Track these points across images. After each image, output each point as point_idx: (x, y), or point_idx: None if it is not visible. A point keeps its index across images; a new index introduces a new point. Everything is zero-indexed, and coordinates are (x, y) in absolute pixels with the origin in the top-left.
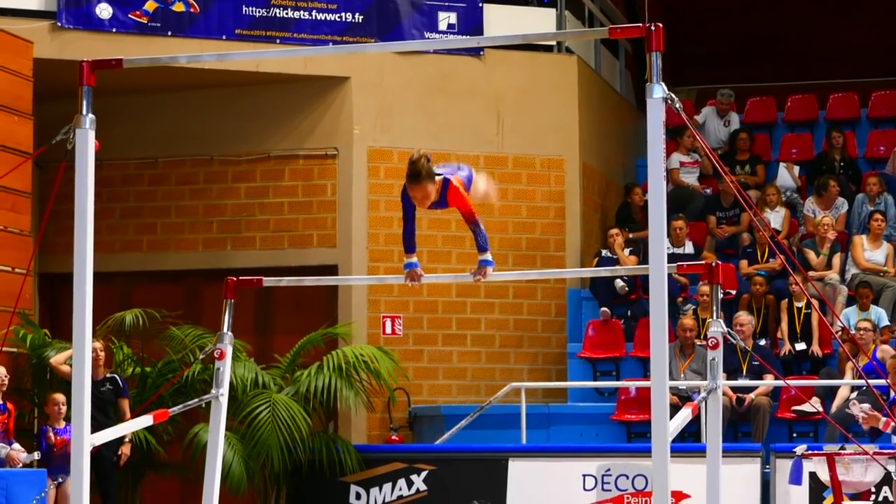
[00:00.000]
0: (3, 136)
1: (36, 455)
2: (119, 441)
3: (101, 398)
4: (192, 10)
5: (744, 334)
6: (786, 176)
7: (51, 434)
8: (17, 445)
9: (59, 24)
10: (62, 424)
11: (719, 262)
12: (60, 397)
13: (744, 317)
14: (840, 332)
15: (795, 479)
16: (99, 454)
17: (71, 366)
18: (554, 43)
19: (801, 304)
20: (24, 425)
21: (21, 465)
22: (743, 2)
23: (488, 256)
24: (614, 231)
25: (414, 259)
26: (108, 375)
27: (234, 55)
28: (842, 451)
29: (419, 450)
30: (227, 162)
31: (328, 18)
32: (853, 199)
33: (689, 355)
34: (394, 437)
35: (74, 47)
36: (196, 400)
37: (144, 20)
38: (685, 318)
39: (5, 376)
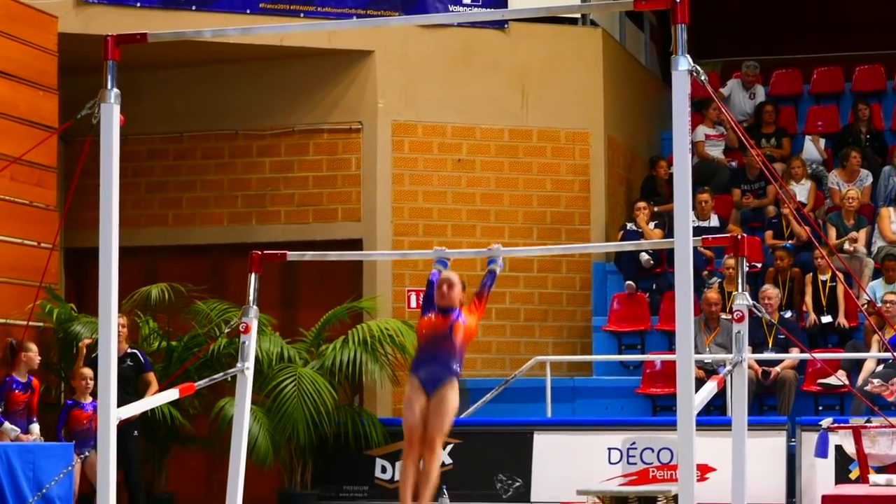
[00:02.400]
0: (28, 110)
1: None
2: (141, 417)
3: (121, 374)
4: None
5: (771, 307)
6: (811, 149)
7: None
8: (35, 427)
9: None
10: (88, 399)
11: (745, 235)
12: (88, 372)
13: (771, 290)
14: (866, 305)
15: (821, 452)
16: (121, 429)
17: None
18: (578, 15)
19: (827, 276)
20: (51, 399)
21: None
22: None
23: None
24: (641, 204)
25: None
26: (128, 351)
27: (258, 29)
28: (868, 424)
29: None
30: (251, 136)
31: None
32: (879, 172)
33: (715, 329)
34: None
35: (99, 22)
36: (222, 374)
37: None
38: (710, 291)
39: (37, 355)
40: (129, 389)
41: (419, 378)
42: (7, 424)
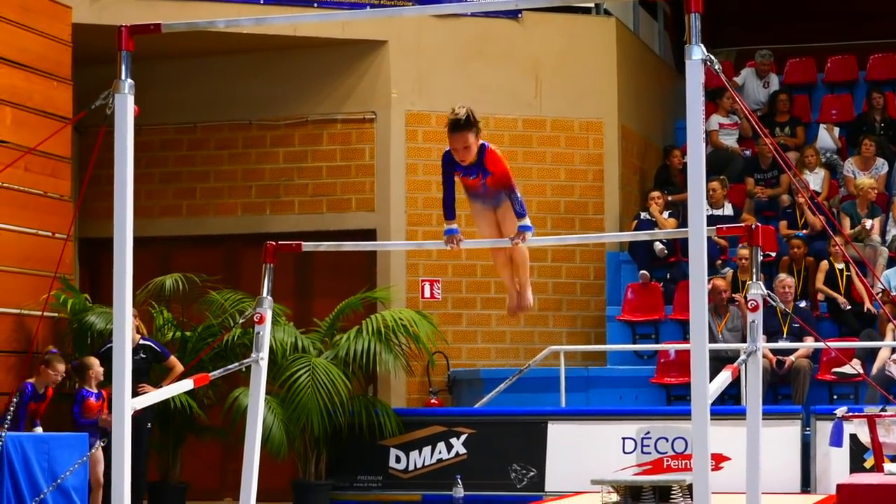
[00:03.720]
0: (42, 101)
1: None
2: (152, 408)
3: (134, 367)
4: None
5: (787, 296)
6: (826, 137)
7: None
8: (37, 429)
9: None
10: (94, 389)
11: (759, 224)
12: (94, 361)
13: (788, 279)
14: (881, 294)
15: (836, 441)
16: (135, 421)
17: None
18: (592, 5)
19: (842, 265)
20: (66, 390)
21: None
22: None
23: (527, 221)
24: (655, 194)
25: (454, 225)
26: (141, 343)
27: (271, 19)
28: (882, 413)
29: (458, 413)
30: (265, 126)
31: None
32: (894, 161)
33: (724, 315)
34: (433, 401)
35: (112, 12)
36: (236, 364)
37: None
38: (716, 278)
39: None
40: (143, 381)
41: (479, 201)
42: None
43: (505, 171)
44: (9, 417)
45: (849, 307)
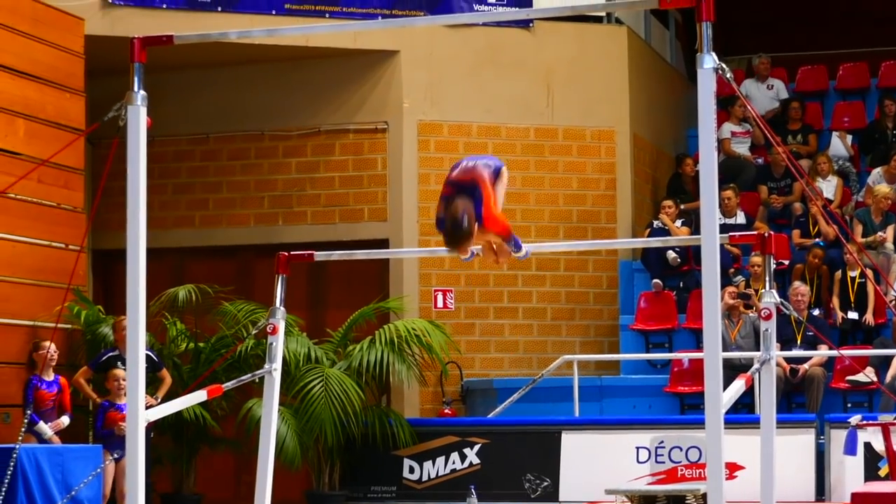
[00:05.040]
0: (55, 113)
1: (65, 421)
2: (169, 418)
3: None
4: None
5: (802, 304)
6: (838, 145)
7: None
8: (65, 419)
9: (110, 1)
10: (123, 400)
11: (772, 233)
12: (121, 373)
13: (802, 287)
14: (894, 302)
15: (850, 449)
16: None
17: (90, 383)
18: (603, 14)
19: (855, 273)
20: (79, 401)
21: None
22: None
23: (521, 252)
24: (667, 202)
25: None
26: None
27: (283, 30)
28: None
29: (472, 423)
30: (277, 137)
31: None
32: None
33: (738, 322)
34: (446, 411)
35: (125, 24)
36: (249, 375)
37: None
38: (728, 287)
39: (55, 351)
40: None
41: None
42: (41, 424)
43: (501, 230)
44: (29, 412)
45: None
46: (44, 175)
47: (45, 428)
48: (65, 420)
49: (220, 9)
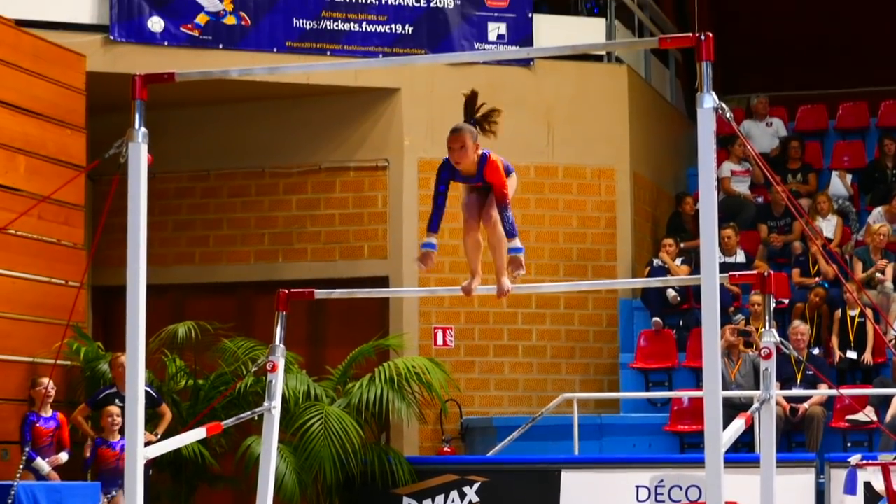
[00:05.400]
0: (56, 149)
1: (63, 457)
2: (168, 455)
3: None
4: (243, 23)
5: (801, 343)
6: (838, 184)
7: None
8: (63, 455)
9: (112, 38)
10: (116, 437)
11: (771, 272)
12: (115, 409)
13: (802, 326)
14: (894, 341)
15: (850, 488)
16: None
17: (88, 420)
18: (604, 53)
19: (855, 312)
20: (79, 438)
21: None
22: (793, 9)
23: (517, 243)
24: (668, 241)
25: (433, 240)
26: None
27: (284, 68)
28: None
29: (471, 461)
30: (278, 174)
31: (378, 30)
32: None
33: (737, 361)
34: (446, 449)
35: (127, 61)
36: (249, 413)
37: (196, 33)
38: (728, 325)
39: (52, 388)
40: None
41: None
42: (39, 460)
43: (502, 182)
44: (27, 448)
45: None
46: (44, 211)
47: (43, 464)
48: (63, 456)
49: (221, 46)
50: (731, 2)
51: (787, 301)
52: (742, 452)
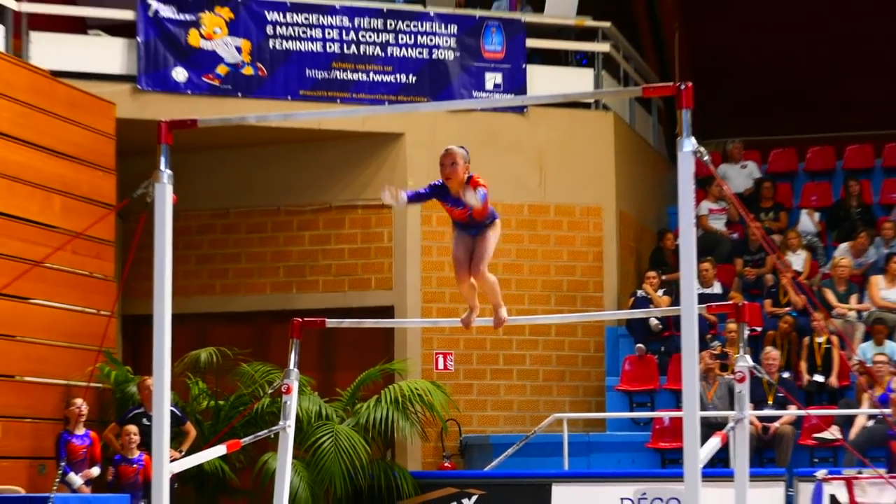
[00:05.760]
0: (89, 189)
1: (94, 471)
2: (192, 470)
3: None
4: (259, 73)
5: (773, 368)
6: (807, 221)
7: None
8: (95, 469)
9: (139, 87)
10: (135, 454)
11: (745, 302)
12: (133, 428)
13: (774, 352)
14: (857, 366)
15: (816, 501)
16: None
17: (118, 437)
18: (592, 101)
19: (822, 339)
20: (109, 454)
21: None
22: (766, 60)
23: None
24: (651, 274)
25: (405, 195)
26: None
27: (298, 115)
28: (859, 476)
29: (470, 476)
30: (292, 212)
31: (384, 80)
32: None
33: (714, 383)
34: (446, 465)
35: (153, 108)
36: (265, 431)
37: (217, 83)
38: (705, 351)
39: (85, 408)
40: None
41: (463, 230)
42: (71, 474)
43: (482, 187)
44: (62, 463)
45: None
46: (78, 247)
47: (75, 478)
48: (94, 471)
49: (240, 95)
50: (710, 54)
51: (759, 329)
52: (718, 468)
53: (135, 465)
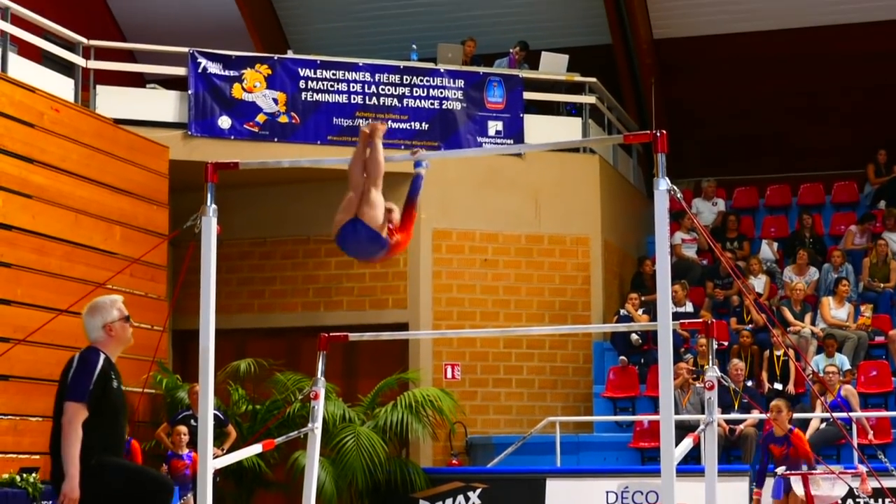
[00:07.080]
0: (144, 221)
1: None
2: (233, 465)
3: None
4: (293, 121)
5: (738, 378)
6: (766, 250)
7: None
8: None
9: (190, 133)
10: (185, 451)
11: (714, 320)
12: (182, 428)
13: (739, 364)
14: (811, 375)
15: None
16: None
17: (169, 436)
18: (581, 147)
19: (780, 352)
20: (160, 451)
21: None
22: (732, 110)
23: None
24: (632, 295)
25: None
26: None
27: (326, 160)
28: (813, 472)
29: (474, 471)
30: (320, 241)
31: (400, 127)
32: (821, 269)
33: (688, 391)
34: (454, 461)
35: (201, 151)
36: (296, 432)
37: (256, 129)
38: (680, 363)
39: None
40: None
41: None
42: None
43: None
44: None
45: (791, 392)
46: (135, 271)
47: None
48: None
49: (276, 139)
50: (683, 106)
51: (726, 343)
52: (691, 464)
53: (185, 461)
